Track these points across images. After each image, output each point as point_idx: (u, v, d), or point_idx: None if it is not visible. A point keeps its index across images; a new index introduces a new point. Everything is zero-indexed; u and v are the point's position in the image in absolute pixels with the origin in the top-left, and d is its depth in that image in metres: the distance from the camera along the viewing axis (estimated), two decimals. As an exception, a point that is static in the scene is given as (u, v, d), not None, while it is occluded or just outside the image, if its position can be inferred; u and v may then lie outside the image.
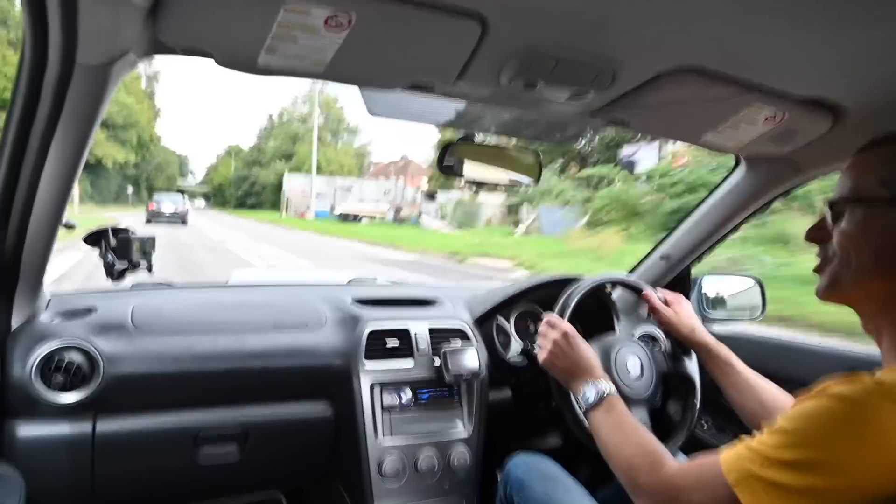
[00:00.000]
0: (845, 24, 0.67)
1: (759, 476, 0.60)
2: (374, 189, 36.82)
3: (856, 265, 0.68)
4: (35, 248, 1.00)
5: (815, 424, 0.59)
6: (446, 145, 1.20)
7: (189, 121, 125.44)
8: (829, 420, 0.58)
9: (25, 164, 0.85)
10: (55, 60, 0.71)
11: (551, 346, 1.01)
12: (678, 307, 1.15)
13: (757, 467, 0.60)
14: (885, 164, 0.67)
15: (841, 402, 0.58)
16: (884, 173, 0.67)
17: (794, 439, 0.59)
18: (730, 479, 0.62)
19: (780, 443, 0.60)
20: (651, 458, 0.76)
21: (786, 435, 0.60)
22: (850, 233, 0.69)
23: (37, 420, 1.04)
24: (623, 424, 0.85)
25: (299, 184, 36.02)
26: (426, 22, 0.69)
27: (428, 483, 1.28)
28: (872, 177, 0.68)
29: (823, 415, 0.59)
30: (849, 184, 0.70)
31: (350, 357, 1.28)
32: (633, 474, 0.77)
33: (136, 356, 1.12)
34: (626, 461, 0.79)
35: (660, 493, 0.72)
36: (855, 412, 0.57)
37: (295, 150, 45.23)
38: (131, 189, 40.05)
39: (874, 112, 0.90)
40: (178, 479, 1.23)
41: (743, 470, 0.61)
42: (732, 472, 0.62)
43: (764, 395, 0.97)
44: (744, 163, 1.32)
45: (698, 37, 0.73)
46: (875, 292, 0.68)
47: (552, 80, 0.83)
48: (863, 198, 0.68)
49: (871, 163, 0.69)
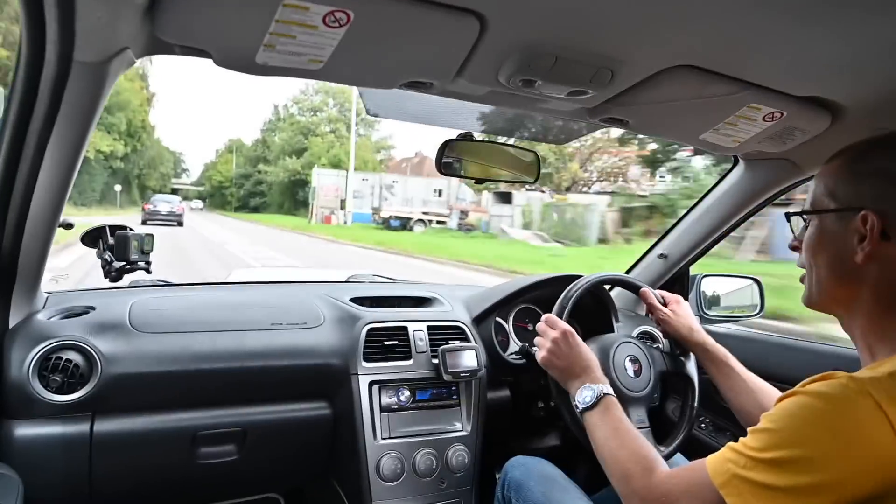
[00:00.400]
0: (844, 23, 0.67)
1: (743, 477, 0.61)
2: (423, 188, 29.10)
3: (816, 275, 0.72)
4: (32, 247, 1.00)
5: (795, 422, 0.60)
6: (445, 143, 1.20)
7: (184, 113, 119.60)
8: (809, 417, 0.60)
9: (23, 163, 0.85)
10: (52, 57, 0.70)
11: (550, 346, 1.01)
12: (676, 307, 1.15)
13: (741, 469, 0.61)
14: (832, 175, 0.72)
15: (819, 398, 0.60)
16: (831, 185, 0.71)
17: (775, 438, 0.60)
18: (716, 482, 0.63)
19: (762, 443, 0.61)
20: (643, 464, 0.77)
21: (768, 434, 0.61)
22: (808, 243, 0.74)
23: (34, 420, 1.04)
24: (618, 429, 0.85)
25: (332, 182, 30.11)
26: (425, 19, 0.69)
27: (426, 483, 1.28)
28: (823, 188, 0.72)
29: (803, 412, 0.60)
30: (809, 197, 0.75)
31: (348, 356, 1.28)
32: (625, 479, 0.78)
33: (135, 355, 1.11)
34: (620, 466, 0.80)
35: (651, 499, 0.73)
36: (832, 407, 0.59)
37: (308, 144, 39.73)
38: (119, 188, 33.05)
39: (873, 111, 0.91)
40: (176, 479, 1.23)
41: (728, 472, 0.62)
42: (718, 476, 0.63)
43: (761, 396, 0.97)
44: (742, 162, 1.32)
45: (697, 35, 0.73)
46: (839, 299, 0.71)
47: (551, 78, 0.83)
48: (815, 209, 0.73)
49: (824, 174, 0.73)
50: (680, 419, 1.15)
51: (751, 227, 10.01)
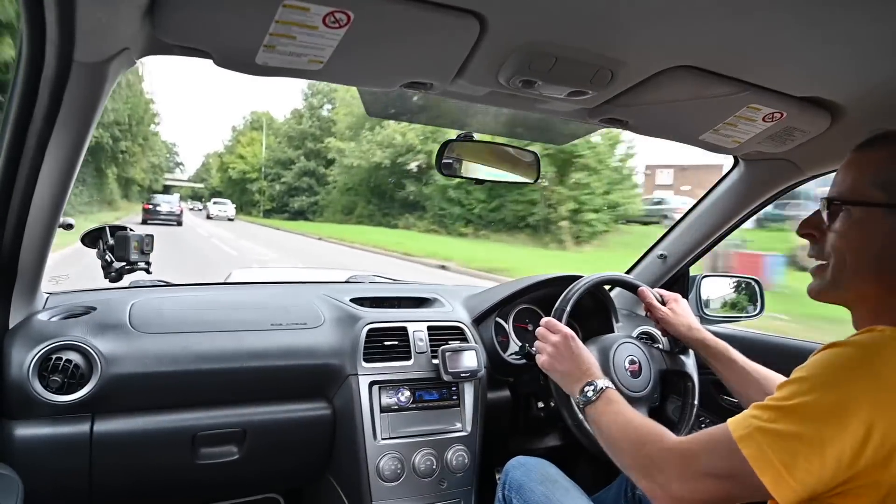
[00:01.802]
0: (844, 24, 0.67)
1: (765, 429, 0.60)
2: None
3: (851, 268, 0.68)
4: (33, 248, 1.00)
5: (830, 368, 0.60)
6: (445, 144, 1.20)
7: (179, 98, 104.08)
8: (845, 363, 0.59)
9: (23, 163, 0.85)
10: (52, 58, 0.70)
11: (550, 350, 1.01)
12: (675, 305, 1.15)
13: (764, 422, 0.61)
14: (881, 165, 0.67)
15: (856, 347, 0.60)
16: (880, 175, 0.66)
17: (807, 385, 0.60)
18: (735, 435, 0.62)
19: (791, 391, 0.61)
20: (657, 430, 0.76)
21: (799, 382, 0.61)
22: (847, 234, 0.68)
23: (34, 420, 1.04)
24: (624, 412, 0.84)
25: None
26: (425, 20, 0.69)
27: (426, 483, 1.28)
28: (869, 177, 0.67)
29: (839, 359, 0.60)
30: (846, 183, 0.70)
31: (348, 356, 1.28)
32: (641, 447, 0.75)
33: (135, 356, 1.12)
34: (633, 439, 0.78)
35: (672, 460, 0.70)
36: (870, 353, 0.59)
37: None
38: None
39: (872, 111, 0.91)
40: (176, 479, 1.23)
41: (750, 426, 0.62)
42: (738, 429, 0.62)
43: (767, 384, 0.97)
44: (742, 162, 1.32)
45: (697, 35, 0.73)
46: (868, 295, 0.68)
47: (551, 79, 0.83)
48: (859, 199, 0.68)
49: (867, 163, 0.68)
50: (680, 419, 1.16)
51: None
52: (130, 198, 30.78)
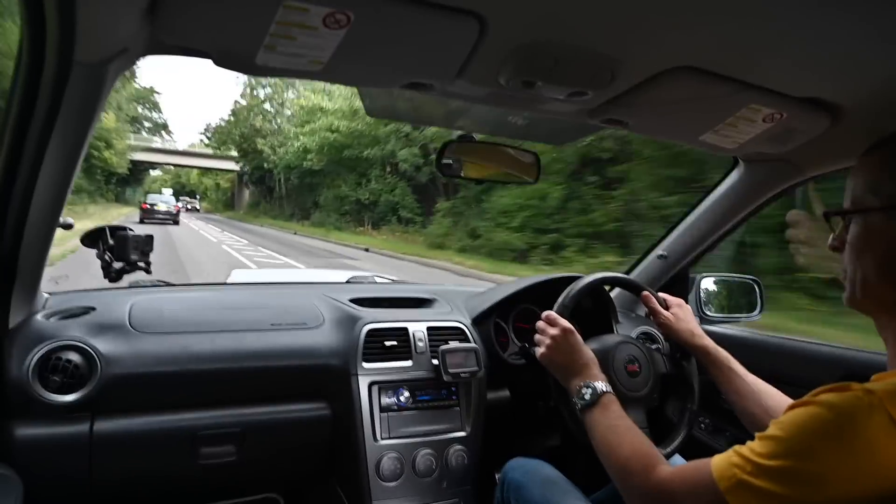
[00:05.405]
0: (844, 24, 0.67)
1: (749, 484, 0.60)
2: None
3: (861, 275, 0.68)
4: (32, 248, 1.00)
5: (803, 433, 0.59)
6: (445, 144, 1.20)
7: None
8: (819, 429, 0.58)
9: (23, 163, 0.85)
10: (52, 59, 0.70)
11: (549, 343, 1.01)
12: (678, 311, 1.14)
13: (747, 475, 0.60)
14: (872, 170, 0.68)
15: (830, 410, 0.58)
16: (871, 181, 0.67)
17: (782, 448, 0.59)
18: (721, 486, 0.62)
19: (769, 450, 0.60)
20: (645, 461, 0.76)
21: (775, 442, 0.60)
22: (855, 244, 0.69)
23: (34, 420, 1.04)
24: (618, 426, 0.85)
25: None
26: (425, 20, 0.69)
27: (426, 483, 1.28)
28: (863, 185, 0.68)
29: (813, 423, 0.59)
30: (848, 193, 0.71)
31: (348, 357, 1.28)
32: (626, 476, 0.77)
33: (134, 356, 1.11)
34: (621, 463, 0.79)
35: (652, 497, 0.72)
36: (843, 421, 0.57)
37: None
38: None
39: (872, 112, 0.90)
40: (176, 479, 1.23)
41: (734, 477, 0.61)
42: (724, 479, 0.62)
43: (764, 399, 0.96)
44: (742, 163, 1.32)
45: (697, 36, 0.73)
46: (884, 300, 0.67)
47: (551, 79, 0.83)
48: (858, 208, 0.69)
49: (862, 170, 0.70)
50: (679, 420, 1.15)
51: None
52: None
